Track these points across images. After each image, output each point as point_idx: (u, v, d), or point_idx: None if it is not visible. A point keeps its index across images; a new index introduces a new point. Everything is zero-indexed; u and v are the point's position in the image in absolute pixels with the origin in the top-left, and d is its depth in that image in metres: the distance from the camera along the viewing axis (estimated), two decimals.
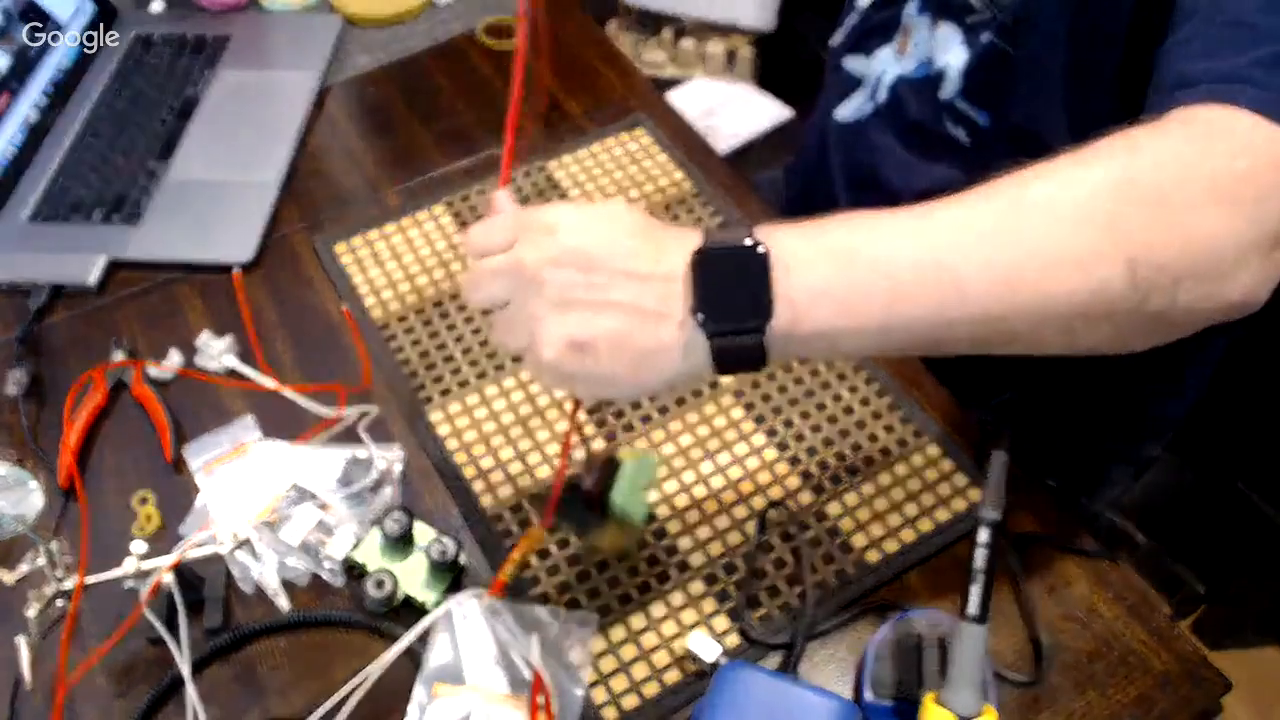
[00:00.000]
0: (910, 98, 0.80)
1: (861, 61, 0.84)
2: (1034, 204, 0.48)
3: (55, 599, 0.61)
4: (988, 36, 0.72)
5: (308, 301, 0.85)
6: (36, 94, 0.99)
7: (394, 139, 0.99)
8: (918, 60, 0.79)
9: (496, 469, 0.73)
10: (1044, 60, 0.69)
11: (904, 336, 0.49)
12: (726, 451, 0.74)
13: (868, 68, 0.83)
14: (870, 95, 0.83)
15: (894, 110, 0.81)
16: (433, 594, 0.66)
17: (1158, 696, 0.63)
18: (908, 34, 0.80)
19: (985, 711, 0.53)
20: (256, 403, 0.77)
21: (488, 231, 0.52)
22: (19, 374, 0.78)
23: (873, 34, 0.84)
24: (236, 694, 0.64)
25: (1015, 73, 0.71)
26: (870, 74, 0.83)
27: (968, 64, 0.73)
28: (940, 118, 0.78)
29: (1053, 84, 0.70)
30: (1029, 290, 0.48)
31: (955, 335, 0.49)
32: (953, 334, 0.49)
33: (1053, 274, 0.48)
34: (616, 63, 1.06)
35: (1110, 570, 0.68)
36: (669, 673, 0.64)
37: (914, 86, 0.79)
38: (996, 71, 0.71)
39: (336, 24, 1.10)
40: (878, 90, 0.83)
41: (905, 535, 0.69)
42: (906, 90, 0.80)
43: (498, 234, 0.51)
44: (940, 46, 0.75)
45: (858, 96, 0.84)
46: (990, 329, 0.49)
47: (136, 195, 0.92)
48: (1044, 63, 0.70)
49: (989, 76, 0.72)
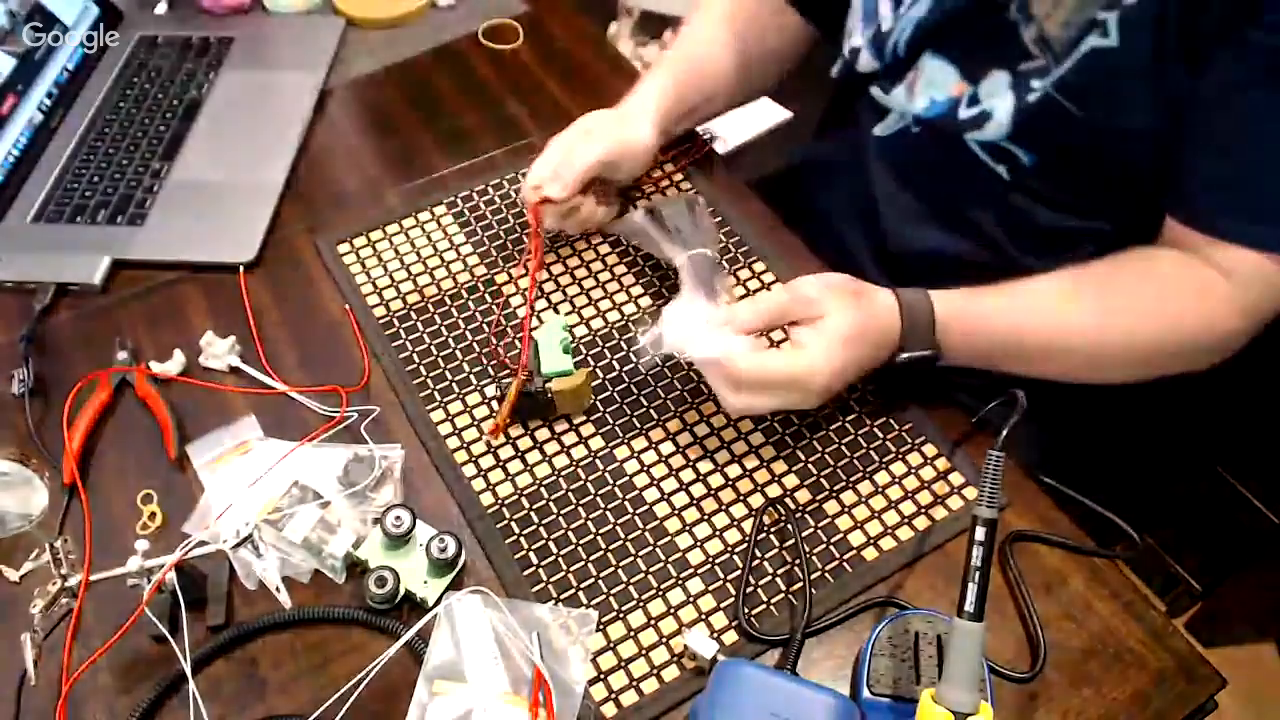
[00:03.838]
0: (934, 130, 0.80)
1: (881, 95, 0.84)
2: (1109, 342, 0.72)
3: (60, 596, 0.62)
4: (1043, 86, 0.70)
5: (310, 301, 0.85)
6: (41, 95, 0.99)
7: (395, 140, 0.99)
8: (929, 99, 0.79)
9: (496, 468, 0.74)
10: (1108, 121, 0.70)
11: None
12: (725, 450, 0.74)
13: (888, 102, 0.83)
14: (899, 119, 0.84)
15: (927, 136, 0.81)
16: (433, 591, 0.66)
17: (1153, 693, 0.63)
18: (919, 74, 0.80)
19: (982, 709, 0.53)
20: (259, 402, 0.78)
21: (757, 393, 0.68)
22: (24, 373, 0.78)
23: (886, 73, 0.83)
24: (239, 690, 0.64)
25: (1074, 128, 0.71)
26: (895, 107, 0.83)
27: (1019, 110, 0.72)
28: (969, 150, 0.77)
29: (1110, 143, 0.71)
30: (1081, 377, 0.75)
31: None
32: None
33: (1102, 376, 0.75)
34: (617, 64, 1.07)
35: (1106, 568, 0.69)
36: (667, 670, 0.64)
37: (932, 124, 0.79)
38: (1053, 121, 0.71)
39: (339, 26, 1.11)
40: (905, 119, 0.83)
41: (902, 533, 0.70)
42: (927, 125, 0.80)
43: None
44: (986, 91, 0.74)
45: (891, 118, 0.84)
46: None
47: (140, 196, 0.93)
48: (1107, 123, 0.70)
49: (1044, 125, 0.72)
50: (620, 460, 0.74)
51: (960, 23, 0.76)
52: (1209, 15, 0.62)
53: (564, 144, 0.82)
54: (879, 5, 0.81)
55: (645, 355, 0.75)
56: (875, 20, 0.82)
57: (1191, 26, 0.63)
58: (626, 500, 0.72)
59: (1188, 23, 0.63)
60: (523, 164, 0.95)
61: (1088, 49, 0.67)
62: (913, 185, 0.85)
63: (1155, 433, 1.01)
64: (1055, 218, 0.78)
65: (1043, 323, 0.72)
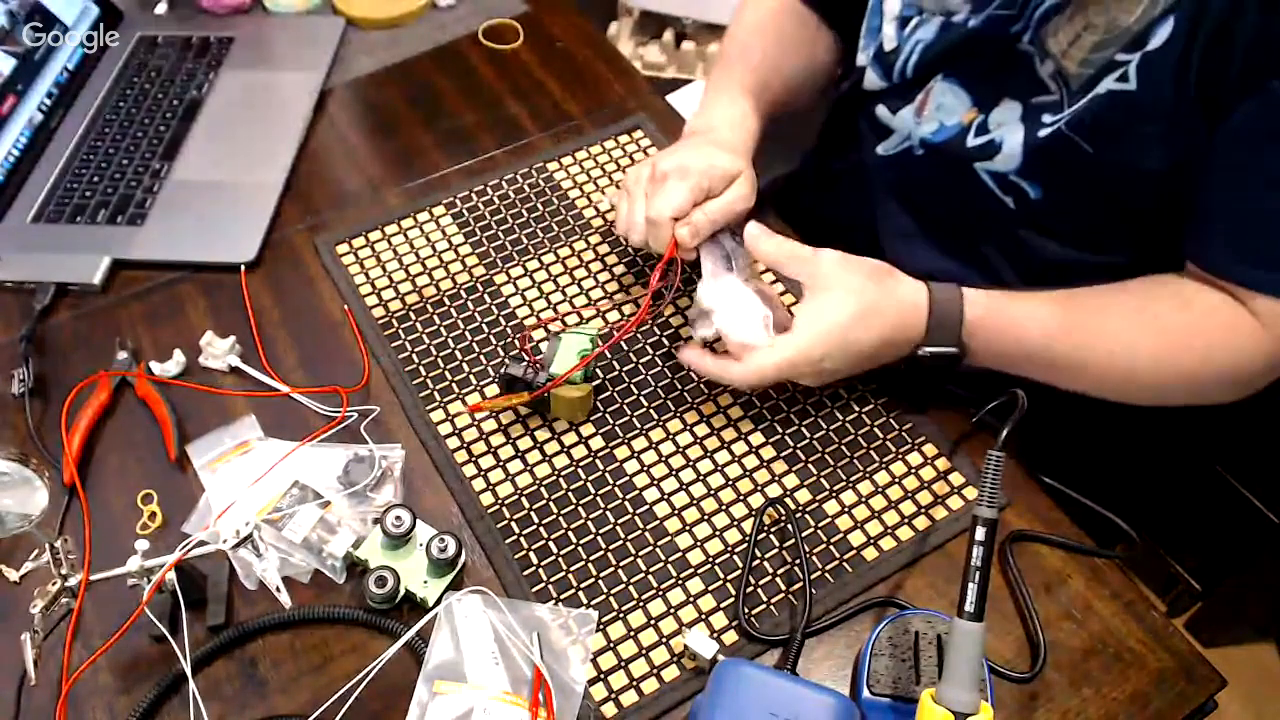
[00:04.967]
0: (940, 155, 0.79)
1: (886, 115, 0.83)
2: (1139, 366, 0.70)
3: (60, 596, 0.61)
4: (1056, 122, 0.70)
5: (310, 301, 0.85)
6: (41, 95, 0.99)
7: (395, 140, 0.99)
8: (938, 123, 0.78)
9: (496, 468, 0.74)
10: (1119, 161, 0.69)
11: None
12: (725, 450, 0.74)
13: (892, 122, 0.83)
14: (903, 140, 0.83)
15: (932, 159, 0.81)
16: (433, 591, 0.66)
17: (1153, 693, 0.63)
18: (929, 96, 0.79)
19: (982, 709, 0.53)
20: (259, 402, 0.78)
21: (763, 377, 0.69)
22: (24, 373, 0.78)
23: (893, 92, 0.83)
24: (239, 690, 0.64)
25: (1084, 166, 0.70)
26: (899, 128, 0.83)
27: (1029, 144, 0.72)
28: (977, 178, 0.77)
29: (1120, 182, 0.71)
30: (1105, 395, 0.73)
31: None
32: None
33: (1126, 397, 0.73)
34: (616, 64, 1.07)
35: (1106, 568, 0.69)
36: (667, 670, 0.64)
37: (938, 149, 0.79)
38: (1064, 157, 0.71)
39: (339, 26, 1.11)
40: (910, 140, 0.82)
41: (902, 533, 0.70)
42: (934, 149, 0.80)
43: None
44: (996, 120, 0.74)
45: (894, 139, 0.84)
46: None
47: (140, 196, 0.93)
48: (1118, 163, 0.69)
49: (1054, 160, 0.72)
50: (620, 460, 0.74)
51: (970, 49, 0.75)
52: (1233, 64, 0.62)
53: (699, 181, 0.74)
54: (883, 24, 0.81)
55: (696, 330, 0.75)
56: (877, 38, 0.82)
57: (1214, 74, 0.63)
58: (626, 500, 0.72)
59: (1210, 70, 0.63)
60: (523, 164, 0.95)
61: (1104, 91, 0.67)
62: (913, 206, 0.85)
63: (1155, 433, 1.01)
64: (1064, 251, 0.78)
65: (1072, 336, 0.71)
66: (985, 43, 0.74)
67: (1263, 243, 0.67)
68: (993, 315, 0.70)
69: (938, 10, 0.77)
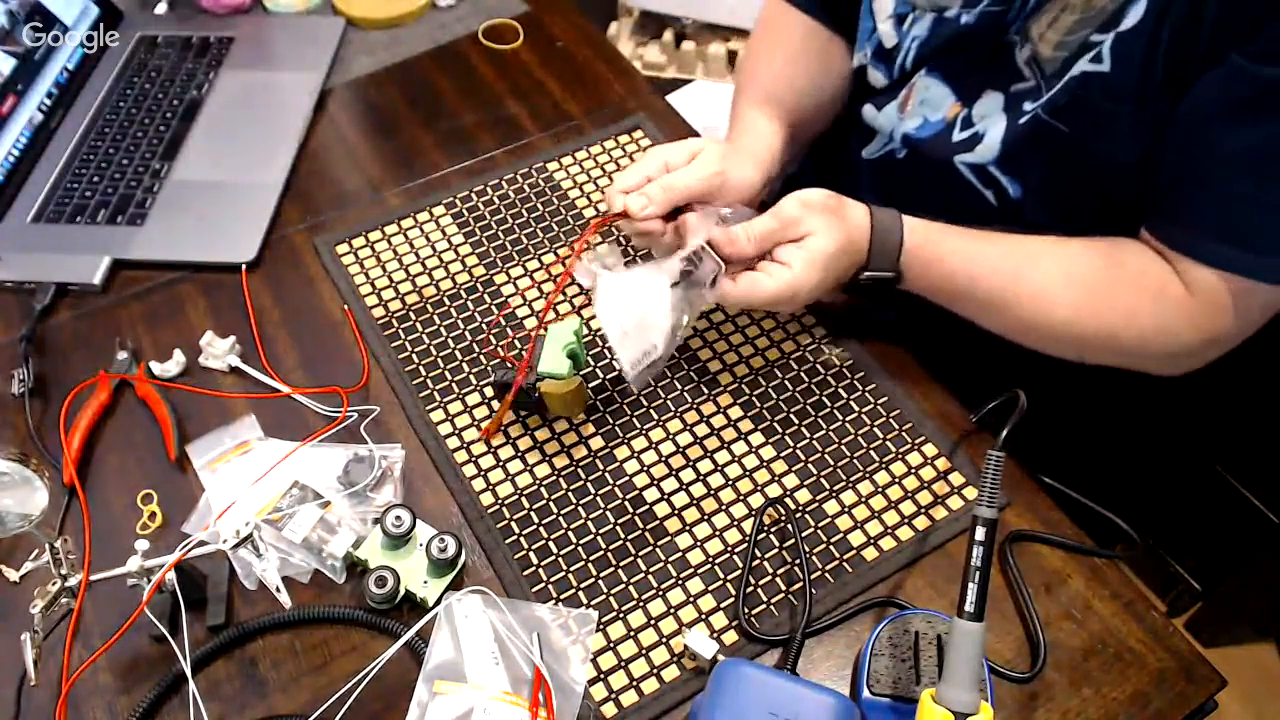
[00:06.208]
0: (921, 154, 0.80)
1: (872, 113, 0.83)
2: (1056, 315, 0.71)
3: (60, 596, 0.61)
4: (1033, 109, 0.70)
5: (309, 301, 0.85)
6: (41, 95, 0.99)
7: (395, 140, 0.99)
8: (922, 118, 0.79)
9: (496, 468, 0.74)
10: (1095, 148, 0.69)
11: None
12: (725, 450, 0.74)
13: (876, 121, 0.83)
14: (886, 142, 0.83)
15: (914, 160, 0.81)
16: (433, 591, 0.66)
17: (1153, 693, 0.63)
18: (912, 91, 0.79)
19: (982, 709, 0.53)
20: (259, 402, 0.78)
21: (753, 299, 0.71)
22: (24, 373, 0.79)
23: (879, 89, 0.83)
24: (239, 690, 0.64)
25: (1062, 154, 0.71)
26: (882, 128, 0.83)
27: (1009, 133, 0.73)
28: (957, 174, 0.77)
29: (1095, 167, 0.71)
30: (1029, 341, 0.75)
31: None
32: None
33: (1047, 346, 0.74)
34: (616, 64, 1.07)
35: (1106, 568, 0.69)
36: (667, 670, 0.64)
37: (922, 144, 0.79)
38: (1041, 145, 0.71)
39: (339, 26, 1.11)
40: (893, 141, 0.83)
41: (902, 533, 0.70)
42: (916, 147, 0.80)
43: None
44: (980, 113, 0.74)
45: (877, 141, 0.84)
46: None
47: (140, 196, 0.93)
48: (1094, 150, 0.69)
49: (1032, 149, 0.72)
50: (620, 460, 0.74)
51: (960, 43, 0.76)
52: (1200, 38, 0.62)
53: (664, 160, 0.76)
54: (876, 24, 0.82)
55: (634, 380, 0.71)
56: (873, 38, 0.82)
57: (1182, 51, 0.63)
58: (626, 500, 0.72)
59: (1179, 50, 0.63)
60: (523, 164, 0.95)
61: (1079, 73, 0.67)
62: (898, 208, 0.85)
63: (1155, 433, 1.02)
64: None
65: (997, 276, 0.72)
66: (976, 38, 0.74)
67: (1209, 214, 0.67)
68: (930, 245, 0.73)
69: (929, 7, 0.77)
